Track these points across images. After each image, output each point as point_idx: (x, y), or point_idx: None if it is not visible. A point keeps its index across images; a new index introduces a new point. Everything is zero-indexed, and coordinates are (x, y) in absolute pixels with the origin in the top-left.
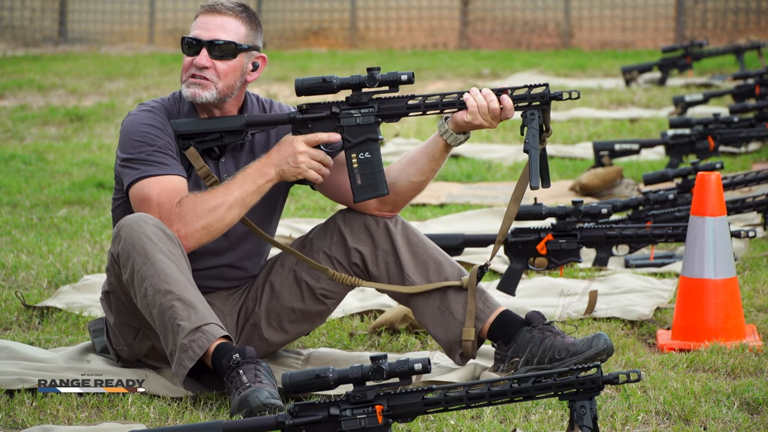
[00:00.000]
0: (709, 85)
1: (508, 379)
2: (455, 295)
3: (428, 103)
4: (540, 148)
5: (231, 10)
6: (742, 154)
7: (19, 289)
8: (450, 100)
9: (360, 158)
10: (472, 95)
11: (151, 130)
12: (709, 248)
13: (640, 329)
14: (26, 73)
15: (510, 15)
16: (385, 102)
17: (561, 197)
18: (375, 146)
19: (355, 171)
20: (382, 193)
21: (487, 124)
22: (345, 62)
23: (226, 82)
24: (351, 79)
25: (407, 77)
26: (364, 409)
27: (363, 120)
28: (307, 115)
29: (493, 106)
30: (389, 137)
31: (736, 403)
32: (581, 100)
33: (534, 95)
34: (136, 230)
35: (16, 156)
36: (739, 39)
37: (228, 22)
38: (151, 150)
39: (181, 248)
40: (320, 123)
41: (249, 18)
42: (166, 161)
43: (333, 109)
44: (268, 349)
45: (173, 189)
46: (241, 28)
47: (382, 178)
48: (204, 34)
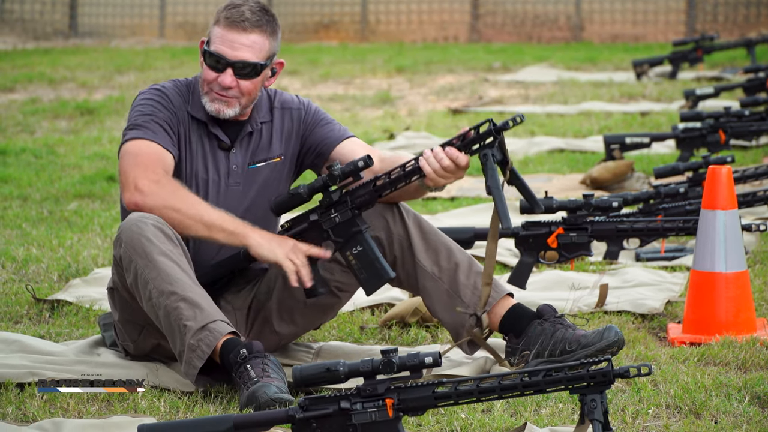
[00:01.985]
0: (720, 79)
1: (519, 373)
2: (465, 280)
3: (393, 178)
4: (504, 182)
5: (256, 26)
6: (753, 147)
7: (29, 283)
8: (411, 168)
9: (354, 252)
10: (425, 160)
11: (152, 103)
12: (720, 242)
13: (650, 323)
14: (37, 66)
15: (521, 8)
16: (355, 192)
17: (572, 191)
18: (363, 237)
19: (355, 267)
20: (388, 277)
21: (452, 179)
22: (356, 56)
23: (249, 98)
24: (316, 182)
25: (364, 163)
26: (374, 403)
27: (342, 218)
28: (291, 231)
29: (445, 164)
30: (400, 130)
31: (747, 396)
32: (592, 93)
33: (481, 135)
34: (136, 232)
35: (26, 149)
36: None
37: (254, 40)
38: (148, 118)
39: (182, 246)
40: (307, 234)
41: (271, 28)
42: (157, 130)
43: (311, 217)
44: (279, 342)
45: (156, 155)
46: (265, 44)
47: (381, 263)
48: (230, 53)
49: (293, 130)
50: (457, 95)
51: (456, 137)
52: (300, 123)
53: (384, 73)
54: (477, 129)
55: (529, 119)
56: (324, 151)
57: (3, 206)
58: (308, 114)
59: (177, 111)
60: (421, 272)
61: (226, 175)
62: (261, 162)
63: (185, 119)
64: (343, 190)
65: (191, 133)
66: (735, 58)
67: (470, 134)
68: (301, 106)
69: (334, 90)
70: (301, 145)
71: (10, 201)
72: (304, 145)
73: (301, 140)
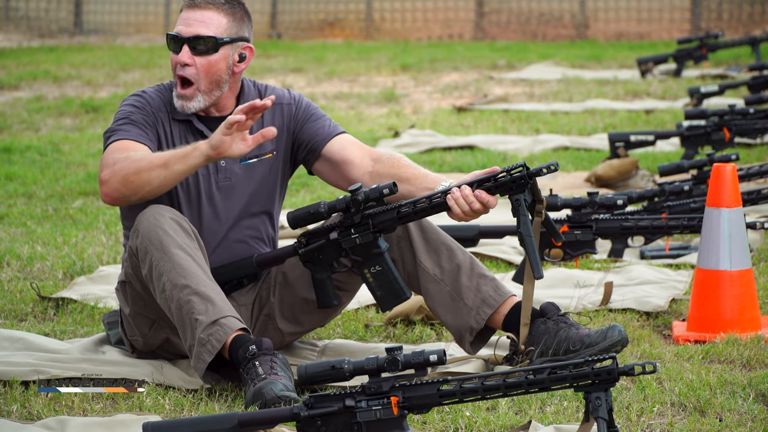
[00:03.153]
0: (725, 77)
1: (524, 371)
2: (467, 282)
3: (418, 209)
4: (540, 221)
5: (211, 3)
6: (757, 145)
7: (34, 281)
8: (438, 202)
9: (372, 272)
10: (454, 200)
11: (128, 108)
12: (725, 239)
13: (655, 320)
14: (42, 64)
15: (525, 6)
16: (377, 216)
17: (576, 188)
18: (383, 258)
19: (373, 284)
20: (405, 297)
21: (476, 217)
22: (361, 53)
23: (208, 78)
24: (338, 203)
25: (389, 191)
26: (379, 401)
27: (363, 239)
28: (309, 246)
29: (475, 207)
30: (405, 128)
31: (751, 394)
32: (597, 91)
33: (514, 179)
34: (153, 224)
35: (31, 147)
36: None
37: (208, 16)
38: (122, 122)
39: (199, 241)
40: (325, 250)
41: (232, 9)
42: (129, 129)
43: (331, 236)
44: (283, 340)
45: (124, 149)
46: (222, 21)
47: (399, 283)
48: (185, 30)
49: (284, 125)
50: (462, 93)
51: (486, 177)
52: (291, 118)
53: (389, 71)
54: (509, 172)
55: (533, 117)
56: (316, 147)
57: (8, 204)
58: (299, 109)
59: (156, 111)
60: (423, 274)
61: (214, 172)
62: (253, 158)
63: (165, 119)
64: (365, 212)
65: (173, 131)
66: (739, 55)
67: (502, 176)
68: (292, 101)
69: (339, 88)
70: (293, 140)
71: (15, 198)
72: (296, 141)
73: (293, 135)
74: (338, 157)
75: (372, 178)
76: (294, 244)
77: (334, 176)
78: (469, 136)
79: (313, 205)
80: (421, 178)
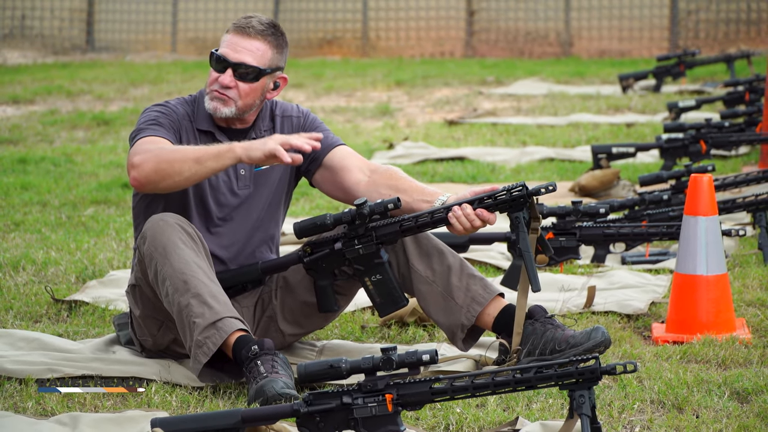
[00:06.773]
0: (702, 92)
1: (512, 370)
2: (457, 282)
3: (420, 223)
4: (535, 237)
5: (261, 34)
6: (732, 157)
7: (48, 284)
8: (439, 218)
9: (373, 280)
10: (456, 217)
11: (153, 114)
12: (702, 246)
13: (636, 323)
14: (56, 79)
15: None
16: (381, 229)
17: (561, 198)
18: (384, 268)
19: (372, 292)
20: (403, 304)
21: (475, 232)
22: (357, 70)
23: (245, 101)
24: (344, 215)
25: (393, 206)
26: (375, 398)
27: (365, 250)
28: (313, 255)
29: (476, 225)
30: (399, 141)
31: (726, 392)
32: (580, 105)
33: (513, 198)
34: (158, 231)
35: (46, 158)
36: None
37: (256, 46)
38: (148, 123)
39: (204, 245)
40: (328, 259)
41: (276, 41)
42: (156, 128)
43: (336, 246)
44: (284, 341)
45: (152, 142)
46: (267, 52)
47: (398, 291)
48: (232, 54)
49: None
50: (453, 107)
51: (487, 195)
52: (299, 130)
53: (384, 87)
54: (510, 191)
55: (520, 130)
56: (318, 156)
57: (24, 212)
58: (306, 122)
59: (180, 119)
60: (416, 276)
61: (235, 179)
62: (266, 166)
63: (188, 128)
64: (369, 225)
65: (196, 141)
66: (716, 72)
67: (502, 195)
68: (300, 114)
69: (337, 102)
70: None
71: (31, 207)
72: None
73: None
74: (338, 165)
75: (368, 187)
76: (299, 252)
77: (332, 185)
78: (459, 148)
79: (320, 217)
80: (418, 191)
